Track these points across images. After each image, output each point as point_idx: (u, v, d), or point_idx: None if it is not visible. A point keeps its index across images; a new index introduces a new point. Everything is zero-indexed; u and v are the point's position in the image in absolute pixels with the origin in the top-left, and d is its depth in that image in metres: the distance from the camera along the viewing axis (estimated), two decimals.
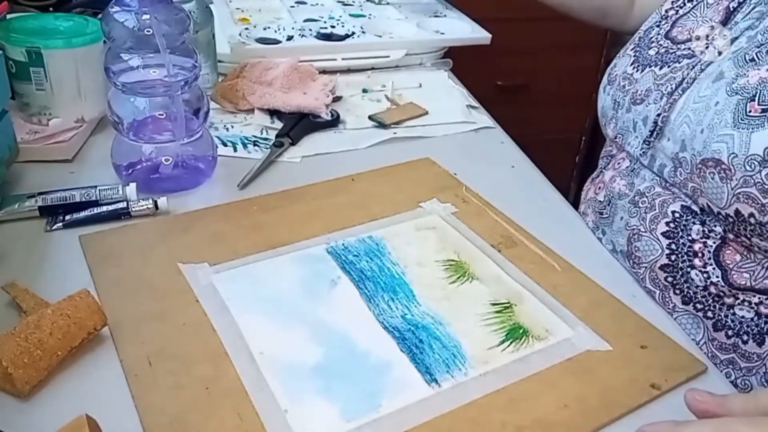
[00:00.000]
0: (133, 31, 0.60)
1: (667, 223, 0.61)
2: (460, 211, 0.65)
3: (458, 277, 0.57)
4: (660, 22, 0.71)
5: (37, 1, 0.94)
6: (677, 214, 0.60)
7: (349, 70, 0.96)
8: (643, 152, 0.64)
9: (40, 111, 0.73)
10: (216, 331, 0.49)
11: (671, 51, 0.66)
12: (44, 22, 0.75)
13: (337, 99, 0.88)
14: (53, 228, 0.60)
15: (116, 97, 0.64)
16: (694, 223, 0.59)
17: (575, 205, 0.72)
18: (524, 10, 1.88)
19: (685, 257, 0.59)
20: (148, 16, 0.60)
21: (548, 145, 1.48)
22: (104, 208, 0.62)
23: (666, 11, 0.71)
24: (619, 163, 0.69)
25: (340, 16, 1.06)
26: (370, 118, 0.84)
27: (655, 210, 0.62)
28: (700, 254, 0.59)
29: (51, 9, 0.94)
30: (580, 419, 0.45)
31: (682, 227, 0.60)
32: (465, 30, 1.06)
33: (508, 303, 0.55)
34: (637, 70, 0.68)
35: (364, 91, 0.91)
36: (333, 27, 1.02)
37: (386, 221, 0.63)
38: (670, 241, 0.60)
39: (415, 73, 0.98)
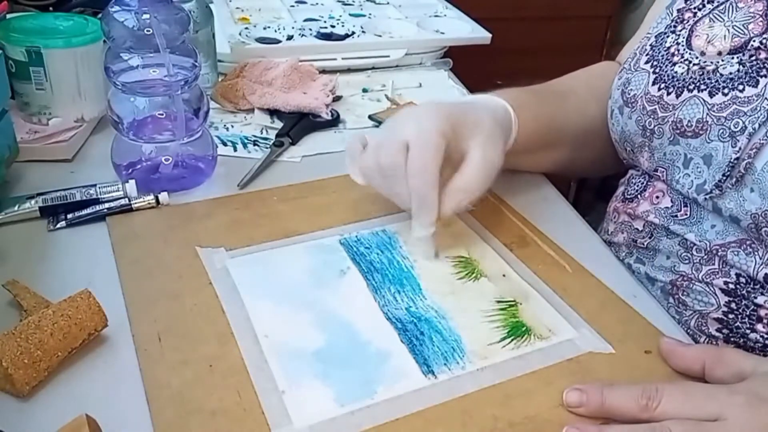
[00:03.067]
0: (133, 31, 0.60)
1: (727, 283, 0.54)
2: (476, 209, 0.65)
3: (466, 274, 0.57)
4: (674, 26, 0.60)
5: (37, 0, 0.94)
6: (742, 279, 0.53)
7: (349, 70, 0.96)
8: (707, 198, 0.54)
9: (40, 111, 0.73)
10: (225, 313, 0.51)
11: (707, 69, 0.55)
12: (44, 21, 0.75)
13: (337, 99, 0.88)
14: (56, 228, 0.60)
15: (116, 97, 0.64)
16: (761, 293, 0.53)
17: (575, 205, 0.72)
18: (524, 10, 1.88)
19: (747, 320, 0.54)
20: (148, 16, 0.60)
21: None
22: (106, 206, 0.62)
23: (680, 12, 0.61)
24: (657, 198, 0.60)
25: (340, 16, 1.06)
26: (370, 117, 0.84)
27: (713, 265, 0.55)
28: (766, 320, 0.53)
29: (51, 9, 0.94)
30: (574, 419, 0.45)
31: (746, 291, 0.53)
32: (465, 30, 1.06)
33: (514, 301, 0.55)
34: (669, 93, 0.57)
35: (364, 90, 0.91)
36: (333, 27, 1.02)
37: (402, 216, 0.63)
38: (730, 299, 0.54)
39: (415, 72, 0.98)
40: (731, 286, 0.54)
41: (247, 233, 0.60)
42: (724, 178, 0.52)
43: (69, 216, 0.61)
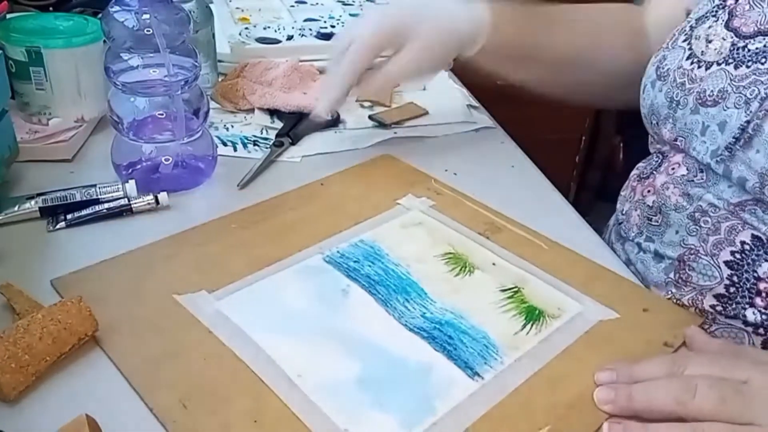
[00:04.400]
0: (133, 31, 0.60)
1: (733, 253, 0.56)
2: (437, 203, 0.66)
3: (460, 269, 0.58)
4: (715, 11, 0.62)
5: (37, 0, 0.94)
6: (747, 246, 0.56)
7: None
8: (719, 161, 0.57)
9: (40, 111, 0.73)
10: (243, 360, 0.47)
11: (740, 46, 0.58)
12: (44, 21, 0.75)
13: None
14: (56, 228, 0.60)
15: (116, 97, 0.64)
16: (765, 259, 0.55)
17: (575, 205, 0.72)
18: None
19: (746, 293, 0.56)
20: (148, 16, 0.60)
21: (548, 145, 1.48)
22: (105, 206, 0.62)
23: None
24: (673, 169, 0.63)
25: (340, 16, 1.06)
26: (370, 117, 0.84)
27: (719, 235, 0.57)
28: (764, 294, 0.55)
29: (51, 8, 0.94)
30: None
31: (749, 261, 0.55)
32: None
33: (516, 287, 0.56)
34: (700, 67, 0.60)
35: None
36: (333, 27, 1.02)
37: (371, 223, 0.63)
38: (733, 272, 0.56)
39: None
40: (737, 256, 0.56)
41: (221, 269, 0.55)
42: (734, 140, 0.55)
43: (69, 216, 0.61)
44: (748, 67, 0.56)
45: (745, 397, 0.42)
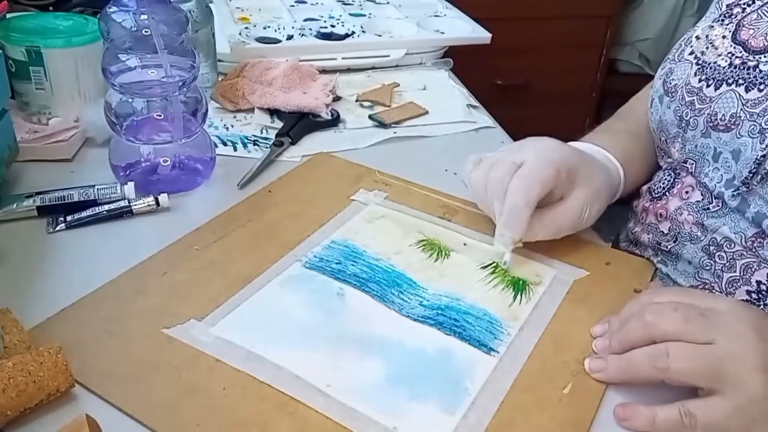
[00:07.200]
0: (131, 32, 0.60)
1: (749, 293, 0.54)
2: (389, 194, 0.67)
3: (437, 254, 0.59)
4: (722, 19, 0.60)
5: (37, 0, 0.94)
6: (764, 286, 0.53)
7: (349, 70, 0.96)
8: (734, 194, 0.54)
9: (40, 110, 0.73)
10: (265, 382, 0.45)
11: (749, 64, 0.54)
12: (44, 21, 0.75)
13: (337, 99, 0.88)
14: (56, 230, 0.60)
15: (114, 98, 0.64)
16: None
17: None
18: (524, 9, 1.89)
19: None
20: (146, 17, 0.60)
21: None
22: (106, 207, 0.62)
23: (729, 6, 0.60)
24: (687, 192, 0.60)
25: (340, 16, 1.06)
26: (370, 117, 0.84)
27: (735, 272, 0.55)
28: None
29: (51, 8, 0.94)
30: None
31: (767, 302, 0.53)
32: (465, 30, 1.05)
33: (494, 262, 0.58)
34: (708, 85, 0.57)
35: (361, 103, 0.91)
36: (333, 26, 1.02)
37: (334, 222, 0.62)
38: None
39: (415, 72, 0.98)
40: (753, 296, 0.54)
41: (202, 294, 0.53)
42: (751, 175, 0.53)
43: (69, 218, 0.61)
44: (760, 90, 0.53)
45: (706, 319, 0.44)
